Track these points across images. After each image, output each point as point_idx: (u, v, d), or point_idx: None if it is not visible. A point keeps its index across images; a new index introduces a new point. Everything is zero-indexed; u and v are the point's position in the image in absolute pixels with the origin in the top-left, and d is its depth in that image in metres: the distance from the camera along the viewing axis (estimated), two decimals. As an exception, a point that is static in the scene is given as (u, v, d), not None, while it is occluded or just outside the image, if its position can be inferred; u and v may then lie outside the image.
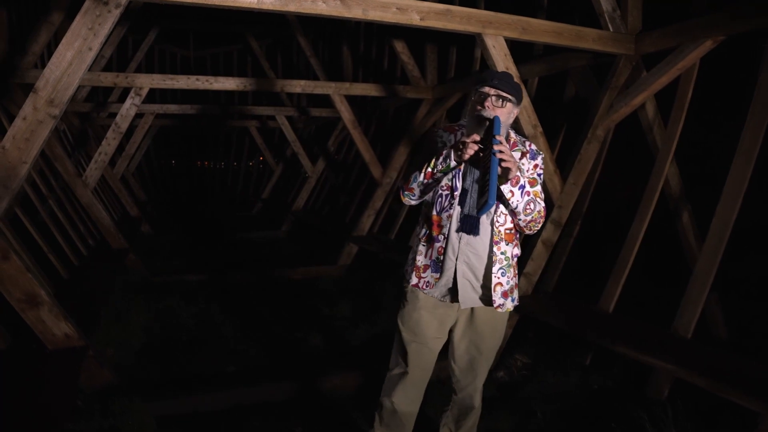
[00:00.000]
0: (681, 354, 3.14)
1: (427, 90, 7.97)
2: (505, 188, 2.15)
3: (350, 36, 11.06)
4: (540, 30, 4.01)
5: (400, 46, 7.85)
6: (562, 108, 5.37)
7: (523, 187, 2.19)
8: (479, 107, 2.23)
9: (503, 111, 2.22)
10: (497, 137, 2.00)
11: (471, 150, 2.07)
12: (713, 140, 5.22)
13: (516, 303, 2.43)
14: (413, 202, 2.40)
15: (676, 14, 4.36)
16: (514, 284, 2.40)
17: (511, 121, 2.31)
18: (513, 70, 4.03)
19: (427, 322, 2.44)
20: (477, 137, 2.08)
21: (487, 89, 2.22)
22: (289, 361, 4.15)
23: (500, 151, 1.99)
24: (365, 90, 7.97)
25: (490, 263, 2.32)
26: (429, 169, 2.23)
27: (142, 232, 10.00)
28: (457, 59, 7.81)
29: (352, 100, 7.83)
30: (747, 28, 3.64)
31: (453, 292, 2.38)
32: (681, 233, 4.81)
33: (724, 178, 3.63)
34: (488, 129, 2.10)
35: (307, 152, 12.11)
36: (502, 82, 2.21)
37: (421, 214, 2.52)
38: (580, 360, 3.93)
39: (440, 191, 2.35)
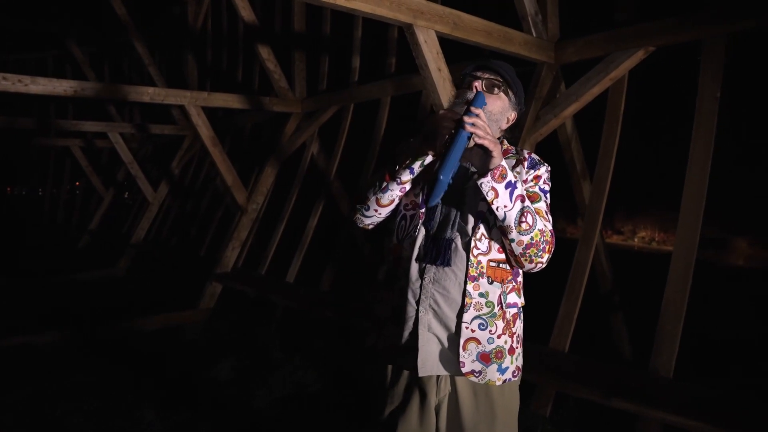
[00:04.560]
0: (675, 399, 2.71)
1: (296, 103, 7.12)
2: (485, 184, 1.52)
3: (195, 43, 9.79)
4: (471, 27, 3.45)
5: (265, 53, 6.91)
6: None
7: (513, 187, 1.54)
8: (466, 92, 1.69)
9: (496, 101, 1.69)
10: (472, 109, 1.50)
11: (445, 130, 1.52)
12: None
13: (514, 377, 1.70)
14: (366, 220, 1.77)
15: (591, 23, 4.11)
16: (508, 347, 1.67)
17: (504, 123, 1.74)
18: (445, 72, 3.41)
19: (396, 406, 1.73)
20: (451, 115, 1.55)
21: (479, 73, 1.70)
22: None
23: (472, 124, 1.47)
24: (226, 101, 6.85)
25: (462, 309, 1.63)
26: (391, 170, 1.67)
27: None
28: (329, 70, 7.09)
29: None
30: (682, 40, 3.47)
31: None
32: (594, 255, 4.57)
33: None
34: (468, 107, 1.56)
35: (146, 175, 10.48)
36: (498, 65, 1.71)
37: (384, 248, 1.83)
38: (541, 411, 3.35)
39: (403, 211, 1.74)
